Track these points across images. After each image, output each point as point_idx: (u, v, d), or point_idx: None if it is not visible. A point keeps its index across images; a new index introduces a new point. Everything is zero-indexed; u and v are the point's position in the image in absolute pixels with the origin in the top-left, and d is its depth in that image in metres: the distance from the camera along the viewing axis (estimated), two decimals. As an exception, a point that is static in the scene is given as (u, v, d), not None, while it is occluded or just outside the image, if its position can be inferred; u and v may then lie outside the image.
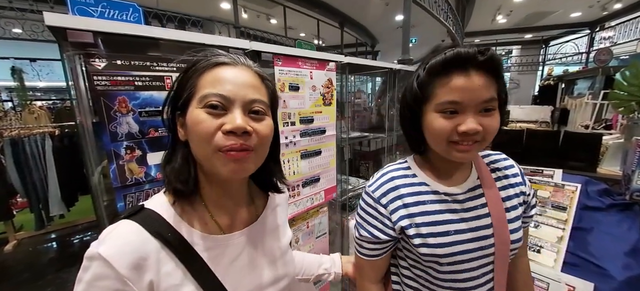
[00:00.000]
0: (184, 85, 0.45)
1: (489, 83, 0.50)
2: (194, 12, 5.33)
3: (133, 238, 0.41)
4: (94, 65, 0.64)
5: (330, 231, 1.50)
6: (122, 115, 0.68)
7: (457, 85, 0.50)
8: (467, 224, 0.58)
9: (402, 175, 0.62)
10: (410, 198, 0.60)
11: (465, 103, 0.50)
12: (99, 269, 0.38)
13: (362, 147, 2.13)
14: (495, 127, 0.52)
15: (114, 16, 1.68)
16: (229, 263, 0.48)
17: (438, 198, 0.60)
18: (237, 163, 0.43)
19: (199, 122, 0.41)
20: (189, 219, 0.46)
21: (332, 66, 1.20)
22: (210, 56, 0.46)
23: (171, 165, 0.46)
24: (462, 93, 0.49)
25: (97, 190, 0.71)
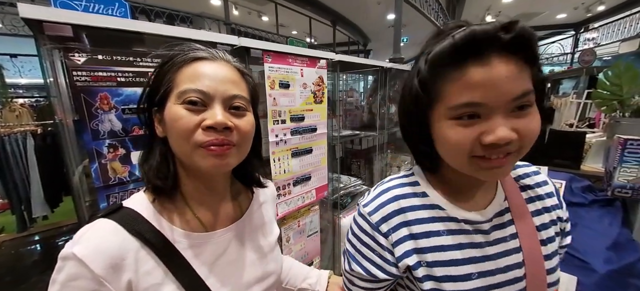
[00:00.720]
0: (160, 80, 0.43)
1: (520, 71, 0.35)
2: (184, 8, 5.23)
3: (110, 237, 0.39)
4: (73, 60, 0.62)
5: (322, 230, 1.50)
6: (104, 112, 0.66)
7: (475, 80, 0.34)
8: (494, 263, 0.44)
9: (409, 193, 0.47)
10: (419, 226, 0.45)
11: (490, 104, 0.35)
12: (73, 269, 0.37)
13: (354, 145, 2.14)
14: (535, 129, 0.37)
15: (99, 11, 1.63)
16: (212, 260, 0.48)
17: (457, 227, 0.44)
18: (217, 158, 0.42)
19: (178, 119, 0.40)
20: (170, 217, 0.45)
21: (323, 64, 1.19)
22: (187, 50, 0.45)
23: (149, 162, 0.45)
24: (483, 91, 0.34)
25: (79, 191, 0.68)
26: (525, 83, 0.35)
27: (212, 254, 0.48)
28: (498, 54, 0.34)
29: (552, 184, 0.51)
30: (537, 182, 0.50)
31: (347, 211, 1.61)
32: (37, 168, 2.71)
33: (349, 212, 1.61)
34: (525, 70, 0.36)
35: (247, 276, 0.51)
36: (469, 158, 0.38)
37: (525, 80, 0.35)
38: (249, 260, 0.52)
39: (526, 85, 0.35)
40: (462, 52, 0.35)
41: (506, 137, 0.35)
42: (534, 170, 0.52)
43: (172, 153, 0.45)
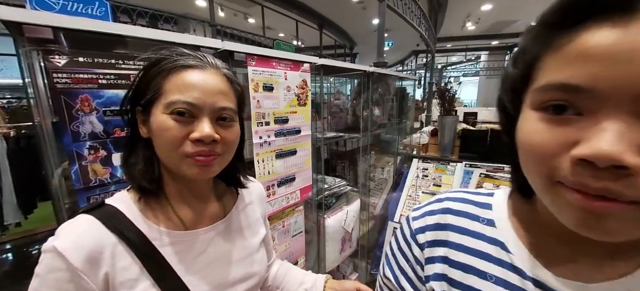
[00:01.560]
0: (147, 84, 0.44)
1: None
2: (167, 8, 5.13)
3: (88, 232, 0.41)
4: (54, 62, 0.62)
5: (307, 231, 1.52)
6: (84, 114, 0.66)
7: (593, 47, 0.20)
8: None
9: (467, 212, 0.36)
10: (460, 254, 0.34)
11: (604, 91, 0.20)
12: (53, 262, 0.38)
13: (339, 146, 2.18)
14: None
15: (78, 10, 1.58)
16: (192, 259, 0.49)
17: (519, 284, 0.30)
18: (202, 168, 0.44)
19: (166, 129, 0.42)
20: (152, 215, 0.47)
21: (307, 67, 1.22)
22: (176, 56, 0.45)
23: (133, 162, 0.46)
24: (601, 67, 0.20)
25: (58, 193, 0.68)
26: None
27: (191, 252, 0.49)
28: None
29: None
30: None
31: (332, 211, 1.64)
32: (9, 172, 2.58)
33: (334, 212, 1.64)
34: None
35: (227, 275, 0.52)
36: (549, 179, 0.23)
37: None
38: (230, 260, 0.53)
39: None
40: (584, 3, 0.21)
41: (613, 155, 0.19)
42: None
43: (156, 155, 0.46)
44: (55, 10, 1.55)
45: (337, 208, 1.68)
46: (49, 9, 1.39)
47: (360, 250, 1.94)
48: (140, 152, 0.47)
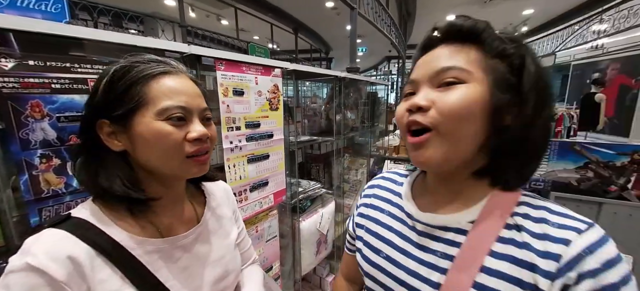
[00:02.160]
0: (121, 94, 0.43)
1: (453, 52, 0.40)
2: (133, 7, 4.87)
3: (64, 244, 0.39)
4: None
5: (282, 235, 1.52)
6: (35, 120, 0.62)
7: (419, 63, 0.44)
8: (407, 261, 0.44)
9: (391, 178, 0.57)
10: (377, 201, 0.55)
11: (419, 79, 0.41)
12: (29, 280, 0.35)
13: (313, 150, 2.20)
14: (454, 103, 0.36)
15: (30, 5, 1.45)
16: (171, 265, 0.49)
17: (399, 214, 0.49)
18: (201, 166, 0.49)
19: (167, 134, 0.43)
20: (125, 225, 0.46)
21: (278, 72, 1.23)
22: (149, 63, 0.46)
23: (108, 175, 0.44)
24: (420, 69, 0.43)
25: (5, 206, 0.62)
26: (456, 61, 0.39)
27: (170, 258, 0.49)
28: (441, 46, 0.42)
29: (582, 252, 0.33)
30: (541, 229, 0.36)
31: (307, 214, 1.65)
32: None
33: (309, 215, 1.65)
34: (465, 53, 0.39)
35: (205, 277, 0.53)
36: (403, 132, 0.42)
37: (457, 60, 0.39)
38: (206, 263, 0.54)
39: (455, 62, 0.39)
40: (421, 49, 0.45)
41: (415, 102, 0.39)
42: (559, 219, 0.36)
43: (131, 166, 0.46)
44: (3, 5, 1.41)
45: (312, 211, 1.70)
46: (-6, 5, 1.26)
47: (336, 252, 1.97)
48: (115, 166, 0.45)
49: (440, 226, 0.42)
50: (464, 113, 0.36)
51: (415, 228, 0.46)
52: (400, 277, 0.45)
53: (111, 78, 0.43)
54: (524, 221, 0.38)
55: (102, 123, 0.44)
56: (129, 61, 0.45)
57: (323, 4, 5.80)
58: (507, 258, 0.36)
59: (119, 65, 0.44)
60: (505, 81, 0.37)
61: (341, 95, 1.79)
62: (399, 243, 0.47)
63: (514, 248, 0.37)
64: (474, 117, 0.36)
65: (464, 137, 0.37)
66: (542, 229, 0.36)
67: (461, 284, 0.38)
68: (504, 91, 0.37)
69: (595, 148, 1.52)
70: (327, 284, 1.91)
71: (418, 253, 0.44)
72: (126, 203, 0.45)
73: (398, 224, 0.49)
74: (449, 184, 0.43)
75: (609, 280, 0.31)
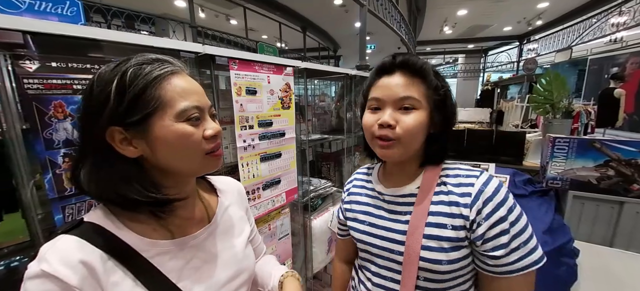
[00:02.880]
0: (136, 98, 0.41)
1: (409, 83, 0.56)
2: (145, 9, 4.96)
3: (75, 249, 0.39)
4: (24, 67, 0.59)
5: (294, 233, 1.52)
6: (58, 120, 0.64)
7: (381, 84, 0.58)
8: (383, 222, 0.63)
9: (364, 171, 0.76)
10: (356, 188, 0.74)
11: (384, 99, 0.57)
12: (44, 286, 0.36)
13: (324, 148, 2.20)
14: (412, 124, 0.54)
15: (47, 9, 1.49)
16: (183, 265, 0.49)
17: (372, 193, 0.68)
18: (218, 160, 0.50)
19: (189, 135, 0.44)
20: (136, 228, 0.46)
21: (290, 71, 1.23)
22: (152, 64, 0.44)
23: (126, 183, 0.43)
24: (382, 91, 0.58)
25: (30, 204, 0.64)
26: (411, 92, 0.55)
27: (181, 259, 0.49)
28: (399, 72, 0.57)
29: (479, 187, 0.54)
30: (458, 181, 0.58)
31: (318, 213, 1.65)
32: (-31, 184, 2.39)
33: (320, 214, 1.65)
34: (416, 85, 0.56)
35: (218, 276, 0.53)
36: (371, 137, 0.59)
37: (412, 91, 0.55)
38: (219, 262, 0.54)
39: (411, 93, 0.55)
40: (379, 71, 0.60)
41: (387, 120, 0.55)
42: (465, 173, 0.59)
43: (147, 171, 0.45)
44: (21, 9, 1.46)
45: (323, 209, 1.69)
46: (15, 8, 1.31)
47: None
48: (132, 173, 0.44)
49: (399, 195, 0.62)
50: (416, 131, 0.55)
51: (384, 200, 0.65)
52: (380, 234, 0.63)
53: (120, 84, 0.41)
54: (447, 179, 0.59)
55: (113, 131, 0.41)
56: (132, 63, 0.42)
57: (331, 2, 5.77)
58: (441, 204, 0.57)
59: (125, 68, 0.41)
60: (437, 107, 0.58)
61: (352, 93, 1.78)
62: (375, 212, 0.66)
63: (444, 195, 0.57)
64: (421, 131, 0.57)
65: (414, 143, 0.57)
66: (457, 181, 0.58)
67: (418, 227, 0.57)
68: (436, 113, 0.58)
69: (617, 146, 1.47)
70: (338, 282, 1.90)
71: (389, 216, 0.63)
72: (149, 207, 0.45)
73: (372, 200, 0.68)
74: (401, 168, 0.63)
75: (499, 198, 0.53)
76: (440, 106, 0.57)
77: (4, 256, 0.98)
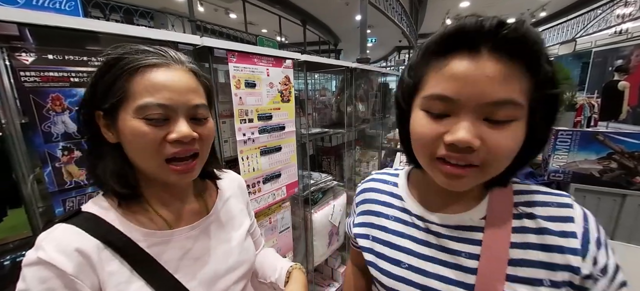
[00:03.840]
0: (108, 87, 0.41)
1: (509, 77, 0.32)
2: (143, 3, 4.92)
3: (71, 238, 0.40)
4: (20, 60, 0.59)
5: (295, 226, 1.53)
6: (56, 113, 0.63)
7: (455, 72, 0.33)
8: (432, 266, 0.43)
9: (383, 179, 0.54)
10: (376, 206, 0.52)
11: (462, 101, 0.33)
12: (40, 273, 0.37)
13: (324, 142, 2.19)
14: (506, 147, 0.33)
15: (44, 4, 1.48)
16: (180, 256, 0.49)
17: (407, 218, 0.47)
18: (182, 175, 0.44)
19: (142, 135, 0.40)
20: (133, 217, 0.46)
21: (289, 63, 1.22)
22: (137, 54, 0.42)
23: (103, 168, 0.44)
24: (459, 85, 0.33)
25: (31, 197, 0.65)
26: (512, 92, 0.32)
27: (178, 250, 0.49)
28: (490, 51, 0.32)
29: (583, 226, 0.37)
30: (549, 213, 0.39)
31: (319, 206, 1.66)
32: (-28, 179, 2.41)
33: (321, 207, 1.66)
34: (518, 78, 0.32)
35: (216, 268, 0.53)
36: (431, 157, 0.37)
37: (513, 89, 0.32)
38: (217, 254, 0.54)
39: (511, 94, 0.32)
40: (449, 42, 0.34)
41: (465, 139, 0.32)
42: (557, 202, 0.40)
43: (128, 159, 0.44)
44: (19, 4, 1.45)
45: (324, 203, 1.70)
46: (13, 3, 1.30)
47: (348, 243, 1.98)
48: (109, 158, 0.44)
49: (455, 225, 0.43)
50: (511, 155, 0.35)
51: (431, 230, 0.45)
52: (431, 285, 0.42)
53: (101, 70, 0.42)
54: (530, 208, 0.40)
55: (98, 114, 0.43)
56: (118, 52, 0.42)
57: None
58: (530, 246, 0.38)
59: (110, 56, 0.42)
60: (543, 112, 0.35)
61: (352, 86, 1.77)
62: (418, 249, 0.45)
63: (532, 235, 0.39)
64: (513, 154, 0.35)
65: (502, 168, 0.36)
66: (547, 212, 0.39)
67: (494, 281, 0.38)
68: (541, 122, 0.36)
69: (620, 138, 1.45)
70: (339, 275, 1.92)
71: (442, 256, 0.43)
72: (117, 197, 0.45)
73: (409, 229, 0.47)
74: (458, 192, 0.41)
75: (605, 239, 0.38)
76: (548, 111, 0.35)
77: (10, 251, 0.99)
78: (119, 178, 0.43)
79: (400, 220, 0.48)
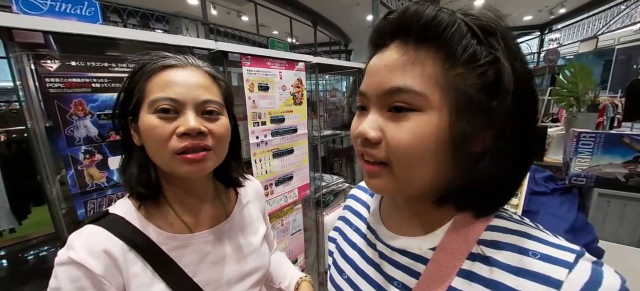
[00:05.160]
0: (132, 90, 0.45)
1: (407, 62, 0.29)
2: (159, 8, 5.06)
3: (100, 240, 0.42)
4: (45, 66, 0.61)
5: (306, 229, 1.53)
6: (79, 118, 0.66)
7: (368, 67, 0.34)
8: (365, 285, 0.40)
9: (365, 187, 0.51)
10: (349, 213, 0.50)
11: (369, 95, 0.32)
12: (71, 272, 0.39)
13: (335, 144, 2.18)
14: (402, 140, 0.29)
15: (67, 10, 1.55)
16: (199, 259, 0.50)
17: (364, 230, 0.45)
18: (194, 165, 0.44)
19: (153, 128, 0.42)
20: (155, 220, 0.47)
21: (301, 66, 1.22)
22: (156, 58, 0.46)
23: (130, 170, 0.47)
24: (368, 77, 0.33)
25: (55, 198, 0.67)
26: (406, 77, 0.28)
27: (197, 253, 0.49)
28: (398, 42, 0.30)
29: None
30: (520, 263, 0.28)
31: (330, 208, 1.65)
32: (1, 177, 2.54)
33: (332, 209, 1.65)
34: (421, 63, 0.28)
35: (232, 272, 0.54)
36: (358, 155, 0.35)
37: (410, 75, 0.28)
38: (234, 258, 0.55)
39: (404, 79, 0.28)
40: (373, 39, 0.34)
41: (360, 131, 0.31)
42: (538, 248, 0.28)
43: (151, 161, 0.46)
44: (43, 11, 1.52)
45: (335, 205, 1.69)
46: (37, 10, 1.36)
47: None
48: (135, 160, 0.47)
49: (400, 249, 0.36)
50: (416, 153, 0.29)
51: (376, 247, 0.40)
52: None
53: (128, 77, 0.46)
54: (493, 251, 0.30)
55: (129, 120, 0.46)
56: (141, 60, 0.46)
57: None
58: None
59: (136, 66, 0.46)
60: (472, 103, 0.27)
61: (364, 87, 1.75)
62: (361, 264, 0.42)
63: (479, 286, 0.29)
64: (429, 155, 0.29)
65: (419, 174, 0.30)
66: (518, 261, 0.28)
67: None
68: (471, 116, 0.27)
69: (649, 141, 1.38)
70: (350, 278, 1.91)
71: (377, 277, 0.39)
72: (145, 199, 0.47)
73: (362, 242, 0.43)
74: (412, 205, 0.36)
75: None
76: (484, 98, 0.27)
77: (34, 246, 1.04)
78: (140, 179, 0.45)
79: (358, 231, 0.45)
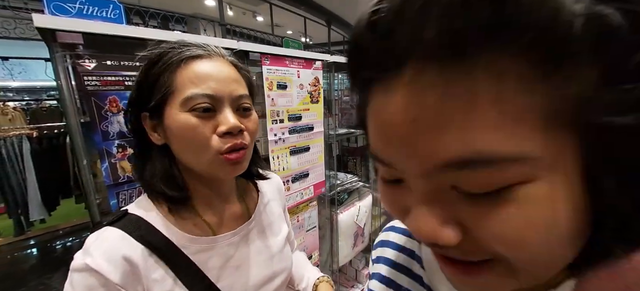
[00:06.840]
0: (152, 85, 0.40)
1: None
2: (177, 9, 5.21)
3: (119, 245, 0.39)
4: (84, 65, 0.65)
5: (320, 226, 1.55)
6: (113, 114, 0.70)
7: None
8: None
9: (403, 230, 0.37)
10: (389, 269, 0.36)
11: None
12: (87, 280, 0.36)
13: (350, 142, 2.19)
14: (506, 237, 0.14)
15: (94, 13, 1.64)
16: (222, 263, 0.47)
17: None
18: (235, 165, 0.43)
19: (192, 128, 0.39)
20: (178, 222, 0.44)
21: (319, 65, 1.24)
22: (180, 48, 0.42)
23: (151, 171, 0.43)
24: None
25: (90, 189, 0.72)
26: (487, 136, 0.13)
27: (221, 257, 0.47)
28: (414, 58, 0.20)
29: None
30: None
31: (345, 207, 1.66)
32: (33, 171, 2.70)
33: (347, 208, 1.65)
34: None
35: (256, 277, 0.51)
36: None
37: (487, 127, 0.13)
38: (257, 261, 0.52)
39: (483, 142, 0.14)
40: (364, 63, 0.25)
41: (431, 237, 0.14)
42: None
43: (175, 161, 0.43)
44: (72, 14, 1.61)
45: (350, 204, 1.69)
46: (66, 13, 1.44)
47: (373, 245, 1.95)
48: (157, 161, 0.43)
49: None
50: (541, 249, 0.16)
51: None
52: None
53: (145, 69, 0.41)
54: None
55: (144, 116, 0.42)
56: (161, 49, 0.42)
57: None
58: None
59: (152, 54, 0.41)
60: (614, 136, 0.14)
61: (380, 86, 1.75)
62: None
63: None
64: (564, 240, 0.16)
65: (553, 264, 0.18)
66: None
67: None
68: (616, 159, 0.14)
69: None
70: (363, 276, 1.90)
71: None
72: (166, 200, 0.43)
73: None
74: None
75: None
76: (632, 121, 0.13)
77: (61, 237, 1.11)
78: (167, 181, 0.42)
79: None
